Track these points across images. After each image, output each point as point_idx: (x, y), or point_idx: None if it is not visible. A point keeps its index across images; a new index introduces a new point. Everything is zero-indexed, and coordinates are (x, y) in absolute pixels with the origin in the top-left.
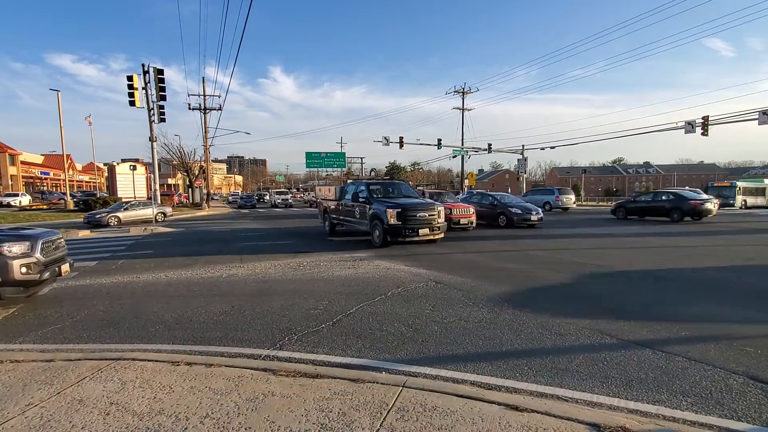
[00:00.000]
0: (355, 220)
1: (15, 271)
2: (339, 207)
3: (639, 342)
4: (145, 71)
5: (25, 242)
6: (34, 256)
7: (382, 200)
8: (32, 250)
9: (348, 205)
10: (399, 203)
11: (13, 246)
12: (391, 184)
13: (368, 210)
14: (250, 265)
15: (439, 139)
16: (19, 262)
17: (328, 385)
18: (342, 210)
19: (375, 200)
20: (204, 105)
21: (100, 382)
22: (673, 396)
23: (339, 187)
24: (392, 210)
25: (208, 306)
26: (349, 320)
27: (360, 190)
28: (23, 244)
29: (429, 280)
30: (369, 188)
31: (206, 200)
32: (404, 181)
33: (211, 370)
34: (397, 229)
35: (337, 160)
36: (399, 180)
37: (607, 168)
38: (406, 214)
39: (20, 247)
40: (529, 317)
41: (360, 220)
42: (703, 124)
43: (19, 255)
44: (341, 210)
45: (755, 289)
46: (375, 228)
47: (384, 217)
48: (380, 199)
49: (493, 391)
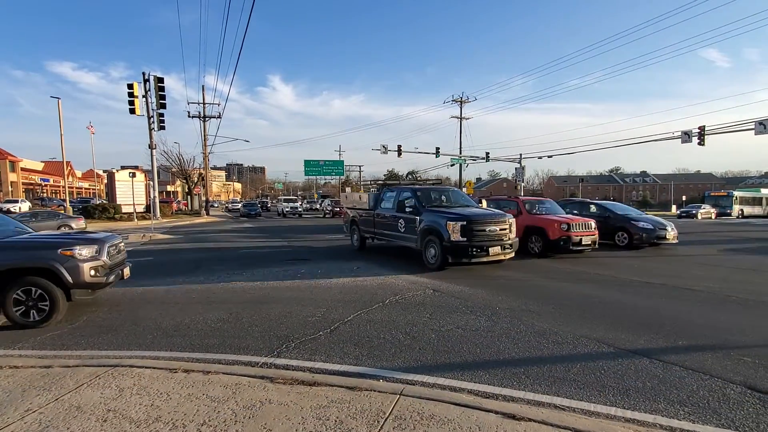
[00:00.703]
0: (398, 234)
1: (85, 274)
2: (374, 218)
3: (636, 351)
4: (146, 79)
5: (94, 245)
6: (102, 259)
7: (437, 210)
8: (100, 253)
9: (387, 215)
10: (463, 214)
11: (83, 249)
12: (444, 191)
13: (418, 222)
14: (249, 273)
15: (437, 147)
16: (89, 265)
17: (325, 393)
18: (378, 221)
19: (427, 210)
20: (203, 113)
21: (98, 389)
22: (670, 405)
23: (373, 194)
24: (455, 223)
25: (206, 313)
26: (347, 327)
27: (405, 198)
28: (92, 248)
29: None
30: (417, 195)
31: (205, 207)
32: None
33: (209, 377)
34: (461, 247)
35: (335, 168)
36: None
37: (605, 177)
38: (473, 228)
39: (89, 250)
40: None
41: (405, 234)
42: (700, 133)
43: (88, 258)
44: (377, 221)
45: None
46: (429, 245)
47: (443, 231)
48: (434, 209)
49: (490, 400)
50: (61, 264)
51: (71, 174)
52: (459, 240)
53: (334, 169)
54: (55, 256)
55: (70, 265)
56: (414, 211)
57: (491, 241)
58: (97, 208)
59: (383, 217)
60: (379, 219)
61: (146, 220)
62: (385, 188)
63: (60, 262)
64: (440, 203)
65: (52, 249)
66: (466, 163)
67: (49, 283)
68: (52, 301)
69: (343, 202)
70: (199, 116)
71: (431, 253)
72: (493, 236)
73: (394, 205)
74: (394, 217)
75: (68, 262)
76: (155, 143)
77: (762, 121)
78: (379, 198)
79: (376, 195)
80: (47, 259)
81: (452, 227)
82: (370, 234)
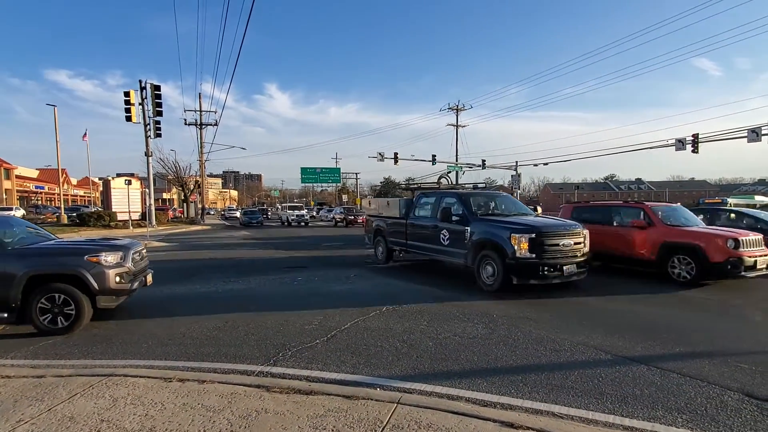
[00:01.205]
0: (439, 248)
1: (111, 280)
2: (406, 228)
3: (634, 358)
4: (142, 87)
5: (119, 252)
6: (126, 266)
7: (493, 220)
8: (125, 260)
9: (423, 225)
10: (530, 224)
11: (109, 256)
12: (493, 196)
13: (468, 234)
14: (245, 279)
15: (434, 155)
16: (114, 272)
17: (322, 402)
18: (412, 232)
19: (479, 219)
20: (200, 121)
21: (91, 399)
22: (668, 413)
23: (403, 200)
24: (522, 235)
25: (202, 322)
26: (344, 335)
27: (449, 205)
28: (117, 254)
29: None
30: (465, 201)
31: (201, 215)
32: (398, 197)
33: (204, 386)
34: (529, 265)
35: (332, 175)
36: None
37: (600, 184)
38: (544, 242)
39: (115, 256)
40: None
41: (449, 248)
42: (693, 141)
43: (113, 264)
44: (410, 232)
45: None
46: (485, 262)
47: (506, 245)
48: (488, 218)
49: (488, 408)
50: (88, 270)
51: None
52: (527, 256)
53: (330, 177)
54: (82, 262)
55: (96, 271)
56: (461, 221)
57: (565, 257)
58: (92, 215)
59: (419, 227)
60: (413, 229)
61: (141, 228)
62: (419, 194)
63: (86, 269)
64: (491, 211)
65: (78, 255)
66: (462, 170)
67: (76, 289)
68: (78, 308)
69: (366, 209)
70: (195, 124)
71: (488, 272)
72: (567, 252)
73: (433, 213)
74: (434, 227)
75: (94, 268)
76: (151, 151)
77: (754, 128)
78: (412, 205)
79: (407, 201)
80: (74, 265)
81: (518, 241)
82: (400, 247)
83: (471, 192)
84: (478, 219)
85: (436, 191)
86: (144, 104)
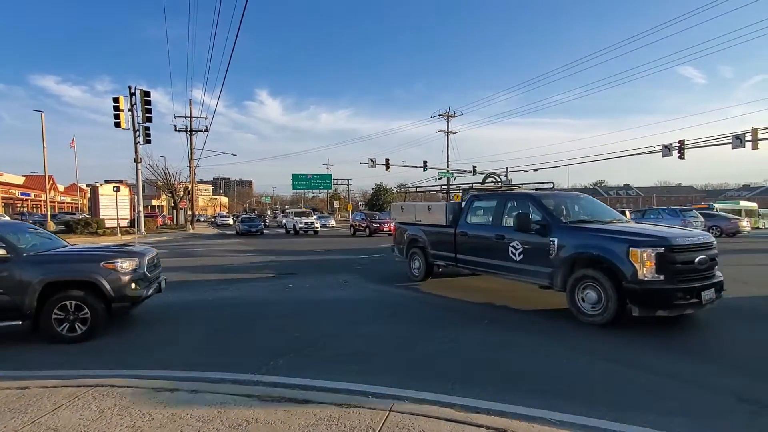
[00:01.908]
0: (509, 264)
1: (126, 287)
2: (455, 238)
3: (626, 363)
4: (132, 93)
5: (135, 259)
6: (142, 273)
7: (589, 228)
8: (140, 266)
9: (484, 235)
10: (655, 234)
11: (125, 262)
12: (575, 198)
13: (554, 247)
14: (236, 287)
15: (425, 161)
16: (130, 278)
17: (313, 411)
18: (464, 243)
19: (569, 228)
20: (190, 127)
21: (77, 410)
22: (661, 416)
23: (450, 204)
24: (647, 249)
25: (191, 329)
26: (336, 342)
27: (523, 209)
28: (133, 261)
29: None
30: (543, 204)
31: (191, 222)
32: (390, 203)
33: (193, 396)
34: (659, 292)
35: (323, 181)
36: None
37: (589, 190)
38: (677, 259)
39: (131, 263)
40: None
41: (524, 265)
42: (680, 147)
43: (129, 271)
44: (461, 243)
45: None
46: (584, 285)
47: (622, 263)
48: (583, 227)
49: (481, 415)
50: (104, 277)
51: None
52: (654, 279)
53: (322, 183)
54: (98, 269)
55: (112, 278)
56: (542, 229)
57: (702, 280)
58: (79, 222)
59: (474, 237)
60: (466, 240)
61: (130, 235)
62: (471, 196)
63: (102, 276)
64: (579, 217)
65: (94, 262)
66: (453, 176)
67: (91, 296)
68: (94, 315)
69: (397, 215)
70: (186, 130)
71: (591, 299)
72: (703, 271)
73: (495, 220)
74: (499, 237)
75: (111, 275)
76: (141, 157)
77: (738, 135)
78: (461, 210)
79: (453, 205)
80: (90, 272)
81: (642, 257)
82: (445, 261)
83: (548, 193)
84: (568, 227)
85: (496, 193)
86: (133, 110)
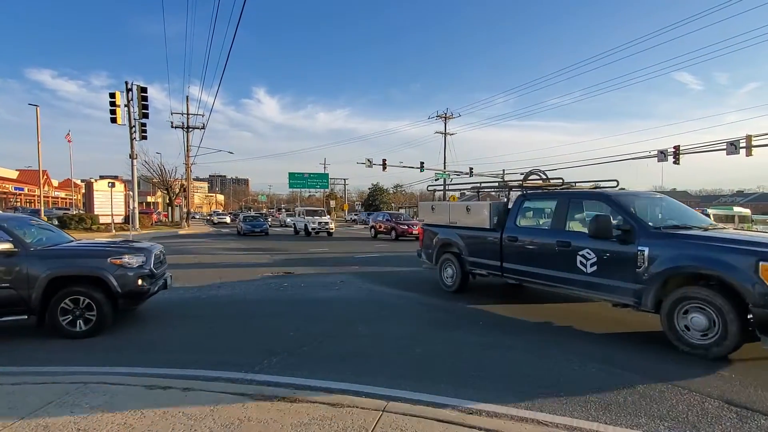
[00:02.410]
0: (576, 276)
1: (133, 283)
2: (501, 243)
3: (620, 365)
4: (128, 89)
5: (141, 255)
6: (148, 269)
7: (690, 236)
8: (147, 262)
9: (542, 241)
10: None
11: (132, 258)
12: (654, 200)
13: (642, 257)
14: (230, 286)
15: (422, 162)
16: (137, 274)
17: (307, 410)
18: (514, 249)
19: (662, 235)
20: (187, 124)
21: (68, 407)
22: (650, 420)
23: (494, 204)
24: None
25: (185, 327)
26: (330, 342)
27: (598, 210)
28: (140, 257)
29: None
30: (623, 205)
31: (186, 219)
32: (386, 203)
33: (186, 394)
34: None
35: (320, 180)
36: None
37: None
38: None
39: (137, 259)
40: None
41: (600, 279)
42: (675, 153)
43: (136, 267)
44: (510, 250)
45: None
46: (687, 306)
47: (746, 281)
48: (680, 234)
49: (474, 416)
50: (111, 273)
51: (47, 183)
52: None
53: (318, 182)
54: (105, 264)
55: (119, 273)
56: (625, 236)
57: None
58: (73, 218)
59: (529, 243)
60: (517, 246)
61: (124, 231)
62: (520, 196)
63: (109, 271)
64: (667, 222)
65: (101, 258)
66: (450, 178)
67: (98, 292)
68: (101, 311)
69: (425, 215)
70: (182, 127)
71: (700, 324)
72: None
73: (556, 224)
74: (563, 243)
75: (117, 270)
76: (136, 153)
77: (733, 141)
78: (509, 211)
79: (498, 206)
80: (97, 267)
81: None
82: (488, 270)
83: (626, 192)
84: (661, 234)
85: (556, 191)
86: (130, 106)
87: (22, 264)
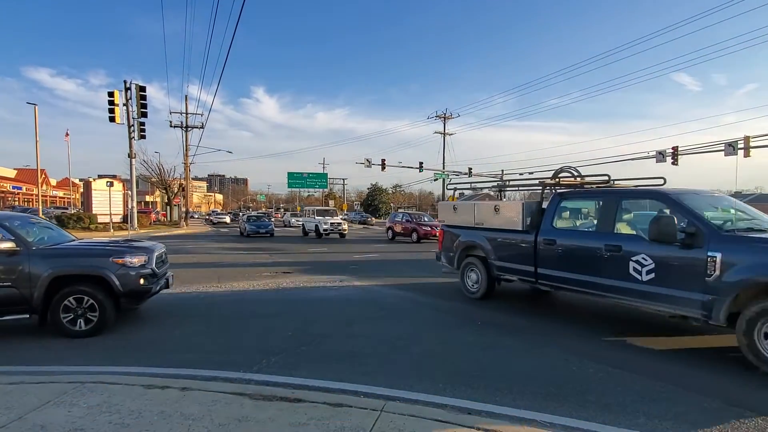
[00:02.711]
0: (628, 285)
1: (135, 282)
2: (535, 246)
3: (617, 365)
4: (127, 88)
5: (143, 254)
6: (150, 268)
7: None
8: (149, 262)
9: (586, 245)
10: None
11: (134, 258)
12: (715, 199)
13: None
14: (228, 284)
15: (421, 162)
16: (139, 273)
17: (305, 410)
18: (552, 253)
19: (737, 239)
20: (186, 123)
21: (65, 407)
22: (650, 420)
23: (527, 204)
24: None
25: (183, 327)
26: (329, 342)
27: (655, 210)
28: (142, 257)
29: None
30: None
31: (185, 218)
32: (385, 203)
33: (184, 394)
34: None
35: (319, 180)
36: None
37: None
38: None
39: (139, 258)
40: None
41: (658, 288)
42: (673, 154)
43: (138, 266)
44: (546, 253)
45: None
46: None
47: None
48: (763, 237)
49: (472, 416)
50: (113, 272)
51: (45, 182)
52: None
53: (317, 182)
54: (107, 264)
55: (121, 273)
56: (691, 239)
57: None
58: (71, 217)
59: (570, 247)
60: (554, 250)
61: (123, 231)
62: (556, 194)
63: (111, 270)
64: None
65: (104, 257)
66: (449, 178)
67: (100, 291)
68: (103, 310)
69: (446, 216)
70: (181, 126)
71: None
72: None
73: (602, 225)
74: (612, 248)
75: (119, 270)
76: (135, 152)
77: (731, 142)
78: (544, 212)
79: (531, 205)
80: (99, 267)
81: None
82: (520, 275)
83: (686, 190)
84: (736, 238)
85: (601, 190)
86: (128, 105)
87: (24, 263)
